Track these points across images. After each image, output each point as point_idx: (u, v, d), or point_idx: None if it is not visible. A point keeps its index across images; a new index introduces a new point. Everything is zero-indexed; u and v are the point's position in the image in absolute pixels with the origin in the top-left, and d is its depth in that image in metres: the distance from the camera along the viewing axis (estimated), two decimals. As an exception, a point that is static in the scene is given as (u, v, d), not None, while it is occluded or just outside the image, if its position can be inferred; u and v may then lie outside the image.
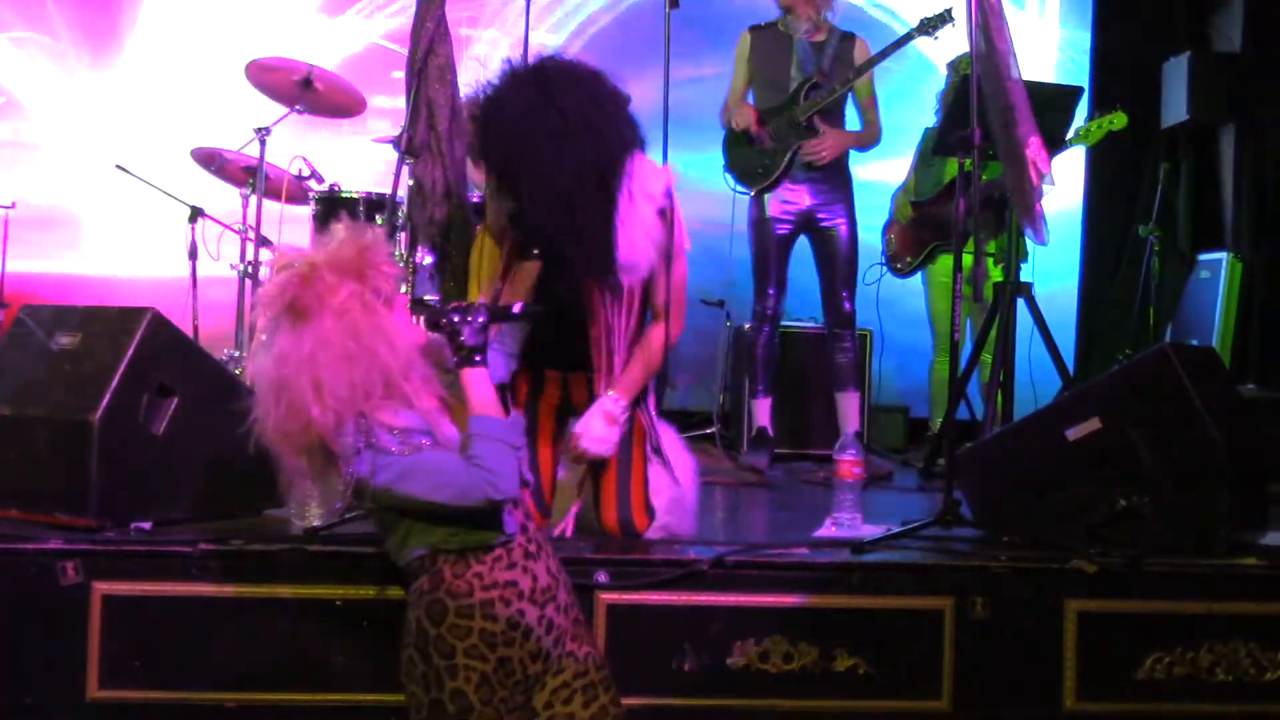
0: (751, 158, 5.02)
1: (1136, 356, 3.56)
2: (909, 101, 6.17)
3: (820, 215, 4.97)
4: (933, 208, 5.39)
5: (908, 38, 4.87)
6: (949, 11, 4.83)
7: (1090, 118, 5.09)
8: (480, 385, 2.46)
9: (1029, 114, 3.71)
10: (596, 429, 3.17)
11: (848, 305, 5.02)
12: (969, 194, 4.02)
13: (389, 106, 6.31)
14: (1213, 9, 6.76)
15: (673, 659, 3.00)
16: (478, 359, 2.46)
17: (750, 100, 5.09)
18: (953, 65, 5.38)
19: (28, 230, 6.36)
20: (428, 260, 4.18)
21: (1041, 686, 3.07)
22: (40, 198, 6.56)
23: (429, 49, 3.52)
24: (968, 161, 4.02)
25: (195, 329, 5.63)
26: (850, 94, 5.00)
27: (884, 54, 4.90)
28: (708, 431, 5.76)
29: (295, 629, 2.97)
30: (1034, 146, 3.72)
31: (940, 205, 5.33)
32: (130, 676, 2.93)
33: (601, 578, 2.98)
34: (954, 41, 4.79)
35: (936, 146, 5.10)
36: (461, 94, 3.63)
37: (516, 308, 2.70)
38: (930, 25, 4.85)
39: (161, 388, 3.17)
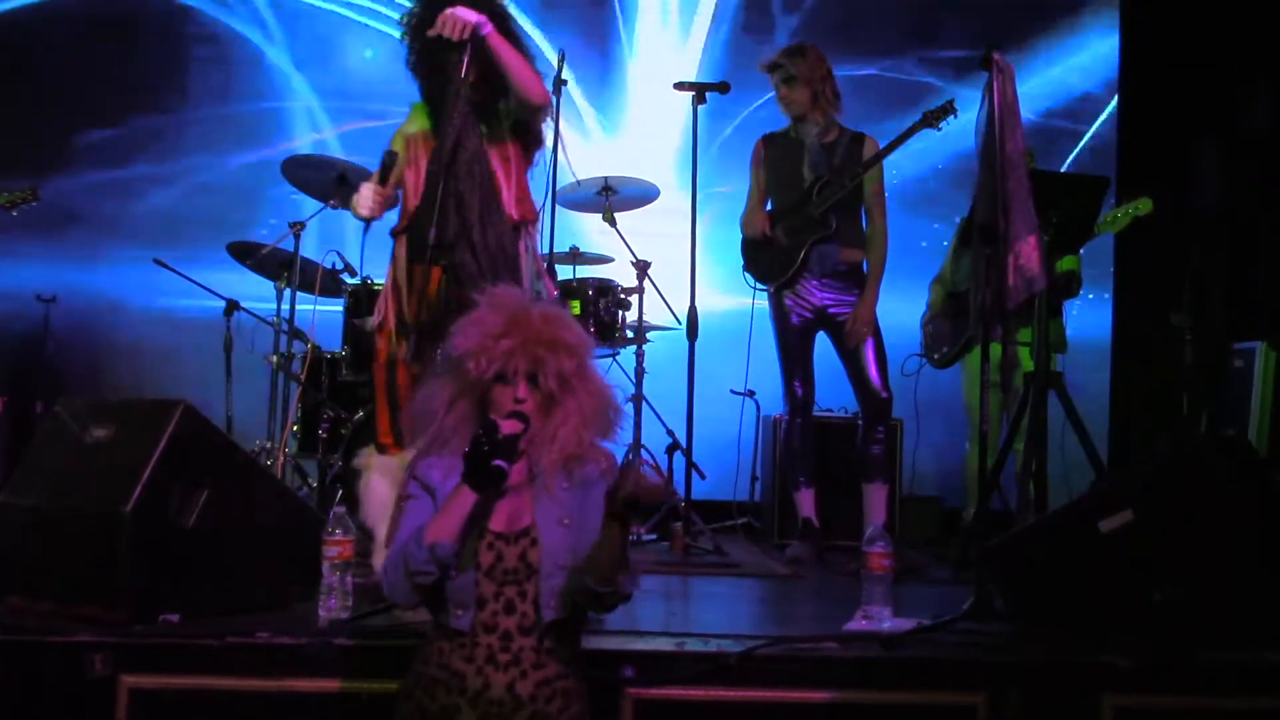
0: (769, 256, 5.07)
1: (1168, 447, 3.53)
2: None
3: (833, 311, 4.99)
4: (969, 298, 5.38)
5: (912, 130, 4.91)
6: (952, 103, 4.89)
7: (1116, 204, 5.10)
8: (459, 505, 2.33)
9: (1028, 214, 3.73)
10: None
11: (884, 394, 5.00)
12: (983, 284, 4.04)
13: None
14: (1241, 90, 6.78)
15: (700, 755, 2.96)
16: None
17: (769, 205, 5.16)
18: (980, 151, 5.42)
19: (68, 322, 6.48)
20: None
21: (1079, 784, 3.00)
22: (80, 290, 6.68)
23: (457, 143, 3.59)
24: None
25: (229, 420, 5.68)
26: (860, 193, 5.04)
27: (891, 147, 4.95)
28: (739, 522, 5.73)
29: (321, 723, 2.95)
30: (1028, 246, 3.73)
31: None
32: (155, 771, 2.92)
33: (628, 672, 2.96)
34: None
35: (965, 237, 5.12)
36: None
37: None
38: (935, 117, 4.90)
39: (193, 480, 3.20)
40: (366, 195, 3.69)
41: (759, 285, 5.15)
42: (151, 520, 3.09)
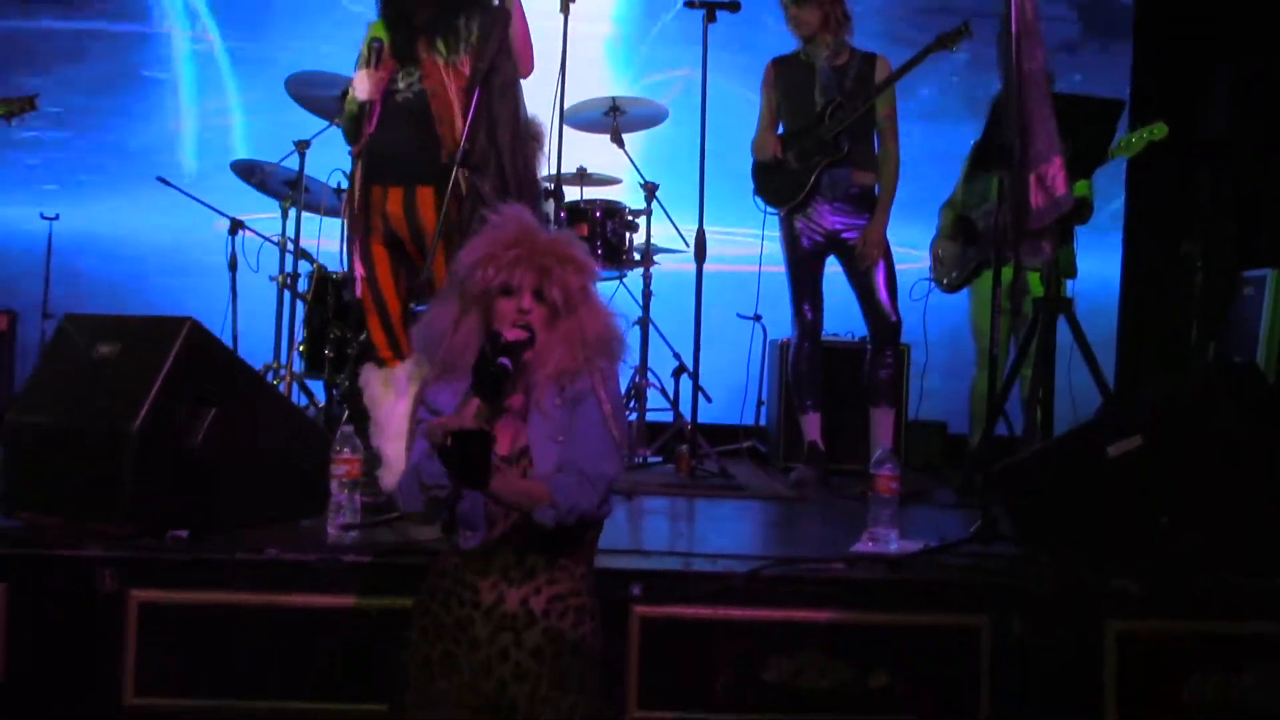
0: (780, 179, 5.02)
1: (1180, 373, 3.52)
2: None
3: (845, 235, 4.94)
4: (980, 222, 5.35)
5: (925, 52, 4.82)
6: (966, 25, 4.80)
7: (1130, 129, 5.04)
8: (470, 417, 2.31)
9: (1051, 134, 3.68)
10: None
11: (893, 318, 4.97)
12: (1006, 209, 4.00)
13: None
14: (1254, 20, 6.68)
15: (707, 673, 2.98)
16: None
17: (780, 130, 5.10)
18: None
19: (72, 241, 6.45)
20: None
21: (1081, 707, 3.03)
22: (84, 209, 6.63)
23: (492, 66, 3.56)
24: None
25: (234, 339, 5.67)
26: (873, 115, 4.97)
27: (903, 70, 4.86)
28: (744, 446, 5.74)
29: (330, 638, 2.97)
30: (1053, 167, 3.68)
31: (988, 220, 5.29)
32: (166, 684, 2.94)
33: (635, 591, 2.97)
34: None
35: (979, 160, 5.06)
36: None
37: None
38: (948, 39, 4.81)
39: (200, 398, 3.19)
40: (362, 79, 3.70)
41: (770, 209, 5.11)
42: (158, 438, 3.09)
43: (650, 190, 5.59)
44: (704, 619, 2.99)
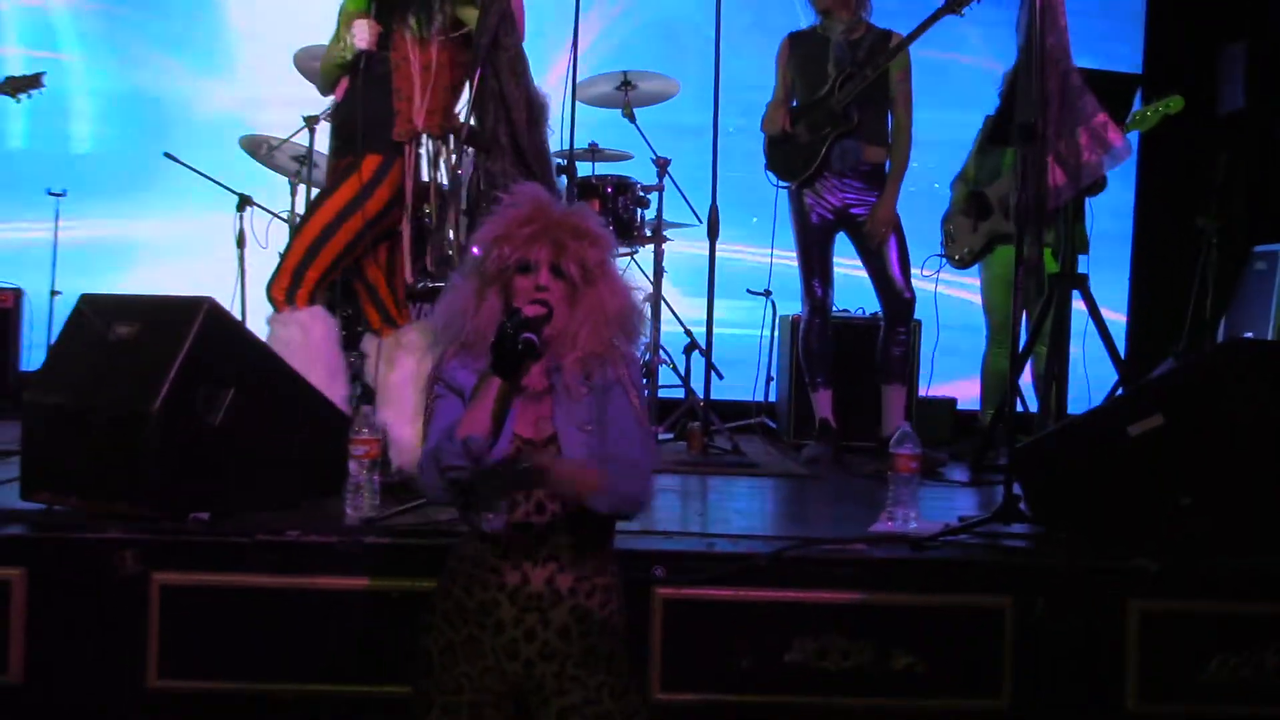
0: (790, 152, 4.99)
1: (1201, 352, 3.50)
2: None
3: (855, 211, 4.92)
4: (993, 197, 5.32)
5: (935, 17, 4.78)
6: None
7: (1145, 102, 5.01)
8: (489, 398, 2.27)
9: (1085, 102, 3.64)
10: None
11: (907, 294, 4.95)
12: (1026, 184, 3.97)
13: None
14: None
15: (729, 655, 2.97)
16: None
17: (794, 104, 5.07)
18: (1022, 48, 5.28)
19: (79, 216, 6.42)
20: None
21: (1103, 687, 3.03)
22: (91, 186, 6.60)
23: (493, 41, 3.51)
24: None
25: (243, 316, 5.65)
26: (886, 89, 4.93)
27: (913, 35, 4.82)
28: (753, 421, 5.73)
29: (351, 620, 2.97)
30: (1082, 137, 3.64)
31: (1002, 195, 5.26)
32: (188, 666, 2.95)
33: (658, 573, 2.97)
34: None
35: (993, 135, 5.03)
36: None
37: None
38: (958, 2, 4.77)
39: (218, 379, 3.18)
40: (363, 27, 3.65)
41: (781, 183, 5.08)
42: (177, 419, 3.07)
43: (662, 165, 5.55)
44: (726, 600, 2.98)
